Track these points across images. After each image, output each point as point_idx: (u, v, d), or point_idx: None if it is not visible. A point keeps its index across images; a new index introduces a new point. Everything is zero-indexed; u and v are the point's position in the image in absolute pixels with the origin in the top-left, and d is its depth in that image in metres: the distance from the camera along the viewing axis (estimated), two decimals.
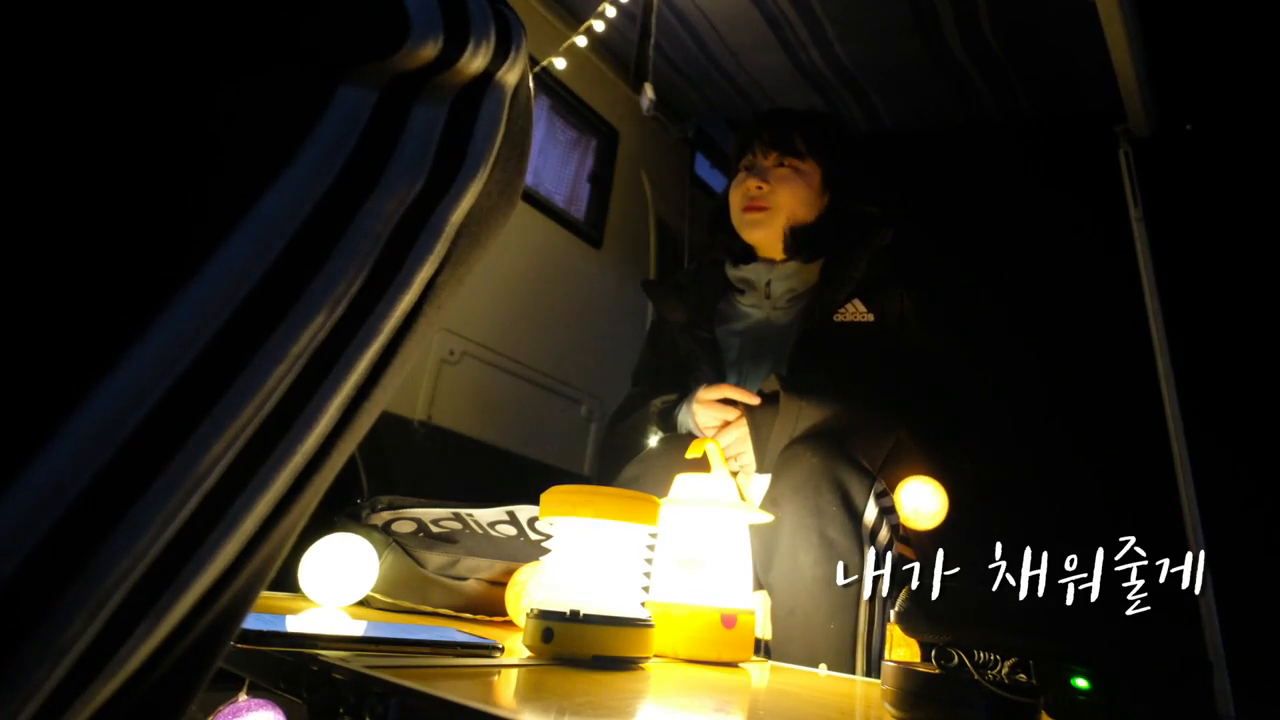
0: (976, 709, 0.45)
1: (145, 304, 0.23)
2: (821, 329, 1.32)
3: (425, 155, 0.29)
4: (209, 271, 0.24)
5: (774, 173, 1.40)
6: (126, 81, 0.24)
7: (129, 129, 0.24)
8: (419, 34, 0.27)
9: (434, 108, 0.29)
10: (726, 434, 1.23)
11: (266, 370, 0.25)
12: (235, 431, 0.24)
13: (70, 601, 0.21)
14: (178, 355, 0.23)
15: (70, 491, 0.21)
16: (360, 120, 0.27)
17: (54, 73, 0.23)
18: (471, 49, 0.29)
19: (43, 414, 0.21)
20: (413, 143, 0.28)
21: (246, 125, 0.25)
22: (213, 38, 0.25)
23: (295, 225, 0.25)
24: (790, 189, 1.39)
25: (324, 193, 0.26)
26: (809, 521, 1.03)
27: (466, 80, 0.30)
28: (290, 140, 0.26)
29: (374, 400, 0.30)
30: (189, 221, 0.24)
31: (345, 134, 0.26)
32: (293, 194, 0.25)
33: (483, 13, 0.29)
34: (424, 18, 0.27)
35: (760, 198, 1.39)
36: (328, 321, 0.26)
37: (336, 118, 0.26)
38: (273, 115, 0.26)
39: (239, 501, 0.25)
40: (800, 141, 1.41)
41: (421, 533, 1.04)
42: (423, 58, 0.28)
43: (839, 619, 0.99)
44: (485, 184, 0.31)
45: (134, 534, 0.22)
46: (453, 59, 0.28)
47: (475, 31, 0.29)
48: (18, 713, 0.21)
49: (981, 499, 1.22)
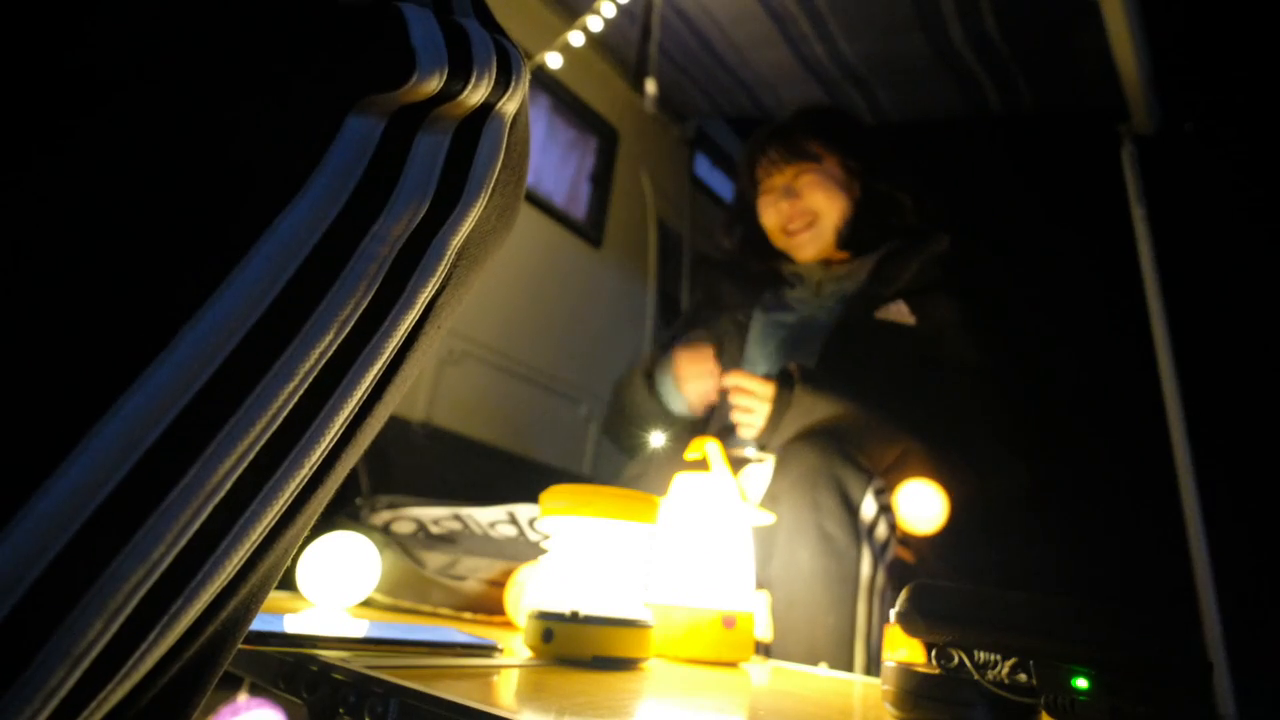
0: (976, 709, 0.45)
1: (169, 322, 0.24)
2: (860, 323, 1.32)
3: (429, 181, 0.30)
4: (229, 292, 0.25)
5: (799, 185, 1.40)
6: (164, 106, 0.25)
7: (161, 153, 0.25)
8: (425, 69, 0.28)
9: (437, 136, 0.30)
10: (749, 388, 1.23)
11: (278, 387, 0.26)
12: (248, 445, 0.26)
13: (88, 608, 0.22)
14: (197, 371, 0.24)
15: (91, 503, 0.22)
16: (368, 148, 0.28)
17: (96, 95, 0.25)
18: (474, 82, 0.30)
19: (67, 427, 0.22)
20: (417, 170, 0.30)
21: (264, 152, 0.27)
22: (239, 69, 0.27)
23: (309, 248, 0.27)
24: (822, 193, 1.39)
25: (335, 217, 0.27)
26: (807, 516, 1.03)
27: (468, 111, 0.31)
28: (304, 167, 0.27)
29: (376, 415, 0.31)
30: (212, 243, 0.25)
31: (354, 162, 0.28)
32: (307, 218, 0.27)
33: (485, 47, 0.30)
34: (430, 53, 0.29)
35: (799, 216, 1.39)
36: (336, 340, 0.28)
37: (346, 146, 0.28)
38: (287, 143, 0.27)
39: (248, 512, 0.26)
40: (809, 143, 1.41)
41: (421, 533, 1.04)
42: (428, 90, 0.29)
43: (837, 613, 0.99)
44: (485, 209, 0.32)
45: (150, 543, 0.24)
46: (456, 91, 0.30)
47: (478, 65, 0.30)
48: (38, 714, 0.22)
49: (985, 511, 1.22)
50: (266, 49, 0.27)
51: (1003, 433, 1.26)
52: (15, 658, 0.21)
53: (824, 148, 1.41)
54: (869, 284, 1.37)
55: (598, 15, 1.66)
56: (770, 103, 2.06)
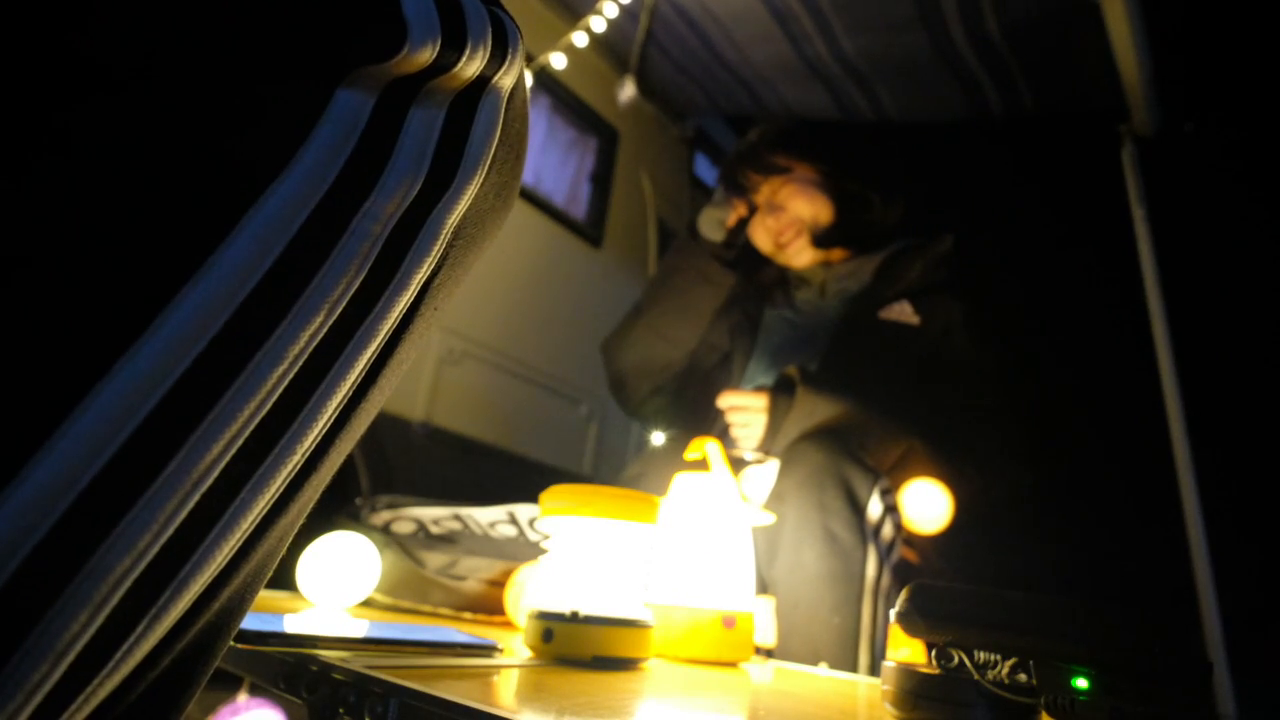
0: (976, 709, 0.45)
1: (150, 303, 0.23)
2: (863, 322, 1.33)
3: (423, 158, 0.29)
4: (213, 272, 0.24)
5: (780, 198, 1.43)
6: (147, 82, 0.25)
7: (142, 129, 0.24)
8: (417, 39, 0.27)
9: (431, 111, 0.29)
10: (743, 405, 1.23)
11: (267, 370, 0.25)
12: (235, 430, 0.25)
13: (71, 600, 0.22)
14: (181, 354, 0.23)
15: (73, 490, 0.21)
16: (359, 123, 0.27)
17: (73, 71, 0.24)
18: (468, 53, 0.29)
19: (46, 413, 0.22)
20: (410, 145, 0.29)
21: (250, 127, 0.26)
22: (224, 42, 0.26)
23: (296, 226, 0.26)
24: (803, 199, 1.42)
25: (324, 194, 0.26)
26: (813, 516, 1.03)
27: (463, 84, 0.30)
28: (291, 142, 0.26)
29: (371, 400, 0.30)
30: (195, 221, 0.24)
31: (344, 137, 0.27)
32: (294, 195, 0.26)
33: (479, 17, 0.29)
34: (422, 23, 0.27)
35: (788, 227, 1.42)
36: (327, 322, 0.27)
37: (336, 120, 0.27)
38: (274, 117, 0.26)
39: (238, 500, 0.26)
40: (774, 157, 1.45)
41: (421, 533, 1.04)
42: (420, 62, 0.28)
43: (842, 613, 0.99)
44: (482, 186, 0.31)
45: (135, 533, 0.23)
46: (450, 63, 0.29)
47: (472, 36, 0.29)
48: (19, 711, 0.21)
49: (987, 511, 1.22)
50: (253, 21, 0.26)
51: (1004, 432, 1.26)
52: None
53: (789, 158, 1.45)
54: (873, 284, 1.38)
55: (600, 16, 1.66)
56: (770, 101, 2.06)
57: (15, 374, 0.21)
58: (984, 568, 1.33)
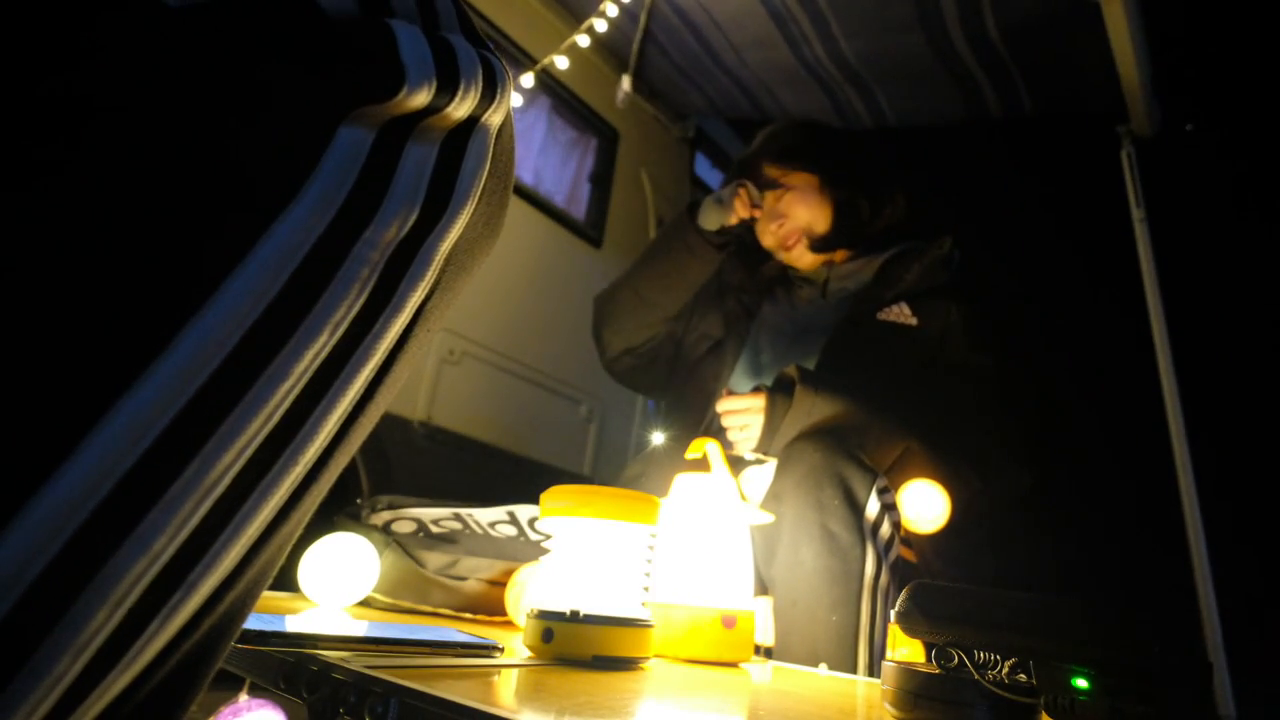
0: (976, 709, 0.45)
1: (171, 323, 0.25)
2: (861, 323, 1.34)
3: (418, 190, 0.31)
4: (228, 294, 0.26)
5: (782, 207, 1.46)
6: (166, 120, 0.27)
7: (162, 163, 0.26)
8: (414, 83, 0.30)
9: (426, 147, 0.32)
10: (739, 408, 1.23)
11: (274, 387, 0.27)
12: (245, 442, 0.27)
13: (92, 599, 0.23)
14: (197, 371, 0.25)
15: (95, 497, 0.23)
16: (359, 158, 0.29)
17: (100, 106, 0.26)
18: (460, 95, 0.31)
19: (73, 424, 0.23)
20: (406, 178, 0.31)
21: (261, 161, 0.28)
22: (238, 84, 0.28)
23: (303, 254, 0.28)
24: (803, 206, 1.45)
25: (328, 224, 0.28)
26: (811, 515, 1.03)
27: (455, 123, 0.32)
28: (299, 175, 0.28)
29: (368, 415, 0.32)
30: (212, 248, 0.27)
31: (347, 170, 0.29)
32: (301, 224, 0.28)
33: (471, 62, 0.32)
34: (418, 68, 0.30)
35: (791, 234, 1.46)
36: (329, 342, 0.29)
37: (339, 155, 0.29)
38: (283, 153, 0.28)
39: (245, 507, 0.28)
40: (773, 167, 1.48)
41: (421, 533, 1.04)
42: (417, 103, 0.30)
43: (840, 612, 0.99)
44: (472, 216, 0.33)
45: (151, 536, 0.24)
46: (443, 104, 0.31)
47: (464, 79, 0.31)
48: (41, 702, 0.23)
49: (985, 514, 1.22)
50: (263, 65, 0.28)
51: (1003, 433, 1.26)
52: (23, 645, 0.22)
53: (788, 169, 1.48)
54: (873, 285, 1.40)
55: (603, 18, 1.66)
56: (768, 103, 2.06)
57: (47, 390, 0.24)
58: (983, 567, 1.33)
